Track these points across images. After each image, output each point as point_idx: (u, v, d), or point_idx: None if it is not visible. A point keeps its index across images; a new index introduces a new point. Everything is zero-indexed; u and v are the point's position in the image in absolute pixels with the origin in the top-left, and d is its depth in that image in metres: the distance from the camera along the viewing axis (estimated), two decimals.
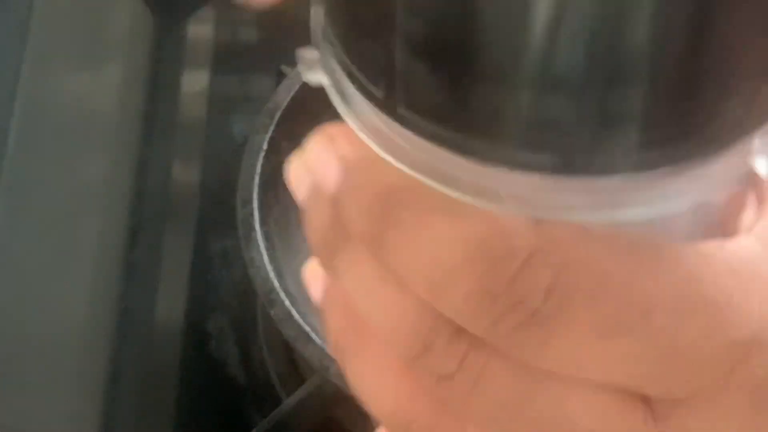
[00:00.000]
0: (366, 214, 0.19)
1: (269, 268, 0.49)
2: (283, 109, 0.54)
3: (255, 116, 0.55)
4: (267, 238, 0.51)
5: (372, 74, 0.18)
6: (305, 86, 0.54)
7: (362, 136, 0.19)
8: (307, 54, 0.20)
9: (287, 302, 0.48)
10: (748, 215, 0.20)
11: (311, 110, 0.20)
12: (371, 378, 0.21)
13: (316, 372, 0.50)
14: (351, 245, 0.20)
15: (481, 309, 0.18)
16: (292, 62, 0.56)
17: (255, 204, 0.52)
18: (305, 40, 0.20)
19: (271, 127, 0.54)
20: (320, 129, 0.21)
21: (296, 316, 0.48)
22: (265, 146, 0.53)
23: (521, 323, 0.18)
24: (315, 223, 0.21)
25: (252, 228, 0.51)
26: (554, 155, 0.17)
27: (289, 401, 0.51)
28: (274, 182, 0.53)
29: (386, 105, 0.18)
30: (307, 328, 0.47)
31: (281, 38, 0.69)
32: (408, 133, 0.18)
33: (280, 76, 0.58)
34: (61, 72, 0.59)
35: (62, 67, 0.59)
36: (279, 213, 0.53)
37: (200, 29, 0.72)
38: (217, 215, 0.61)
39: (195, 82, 0.70)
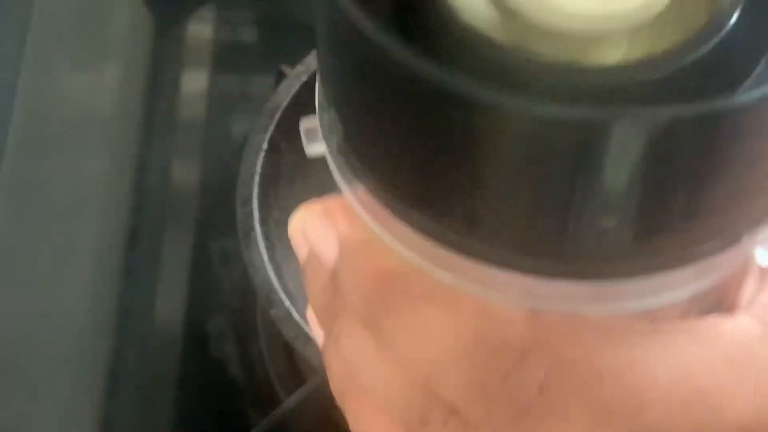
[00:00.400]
0: (363, 299, 0.19)
1: (269, 268, 0.49)
2: (283, 109, 0.54)
3: (255, 116, 0.55)
4: (267, 238, 0.51)
5: (373, 170, 0.18)
6: (305, 86, 0.54)
7: (361, 214, 0.19)
8: (309, 123, 0.20)
9: (287, 302, 0.48)
10: (750, 283, 0.20)
11: (311, 110, 0.20)
12: (369, 430, 0.21)
13: (316, 372, 0.50)
14: (348, 314, 0.20)
15: (476, 401, 0.18)
16: (292, 62, 0.57)
17: (255, 204, 0.52)
18: (305, 40, 0.20)
19: (271, 127, 0.54)
20: (320, 201, 0.21)
21: (296, 316, 0.48)
22: (265, 146, 0.53)
23: (514, 416, 0.18)
24: (314, 288, 0.21)
25: (252, 228, 0.51)
26: (554, 262, 0.16)
27: (289, 401, 0.51)
28: (274, 182, 0.53)
29: (386, 202, 0.18)
30: (307, 328, 0.47)
31: (281, 38, 0.69)
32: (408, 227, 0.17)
33: (280, 76, 0.58)
34: (61, 72, 0.59)
35: (62, 67, 0.59)
36: (279, 213, 0.53)
37: (200, 29, 0.72)
38: (217, 215, 0.61)
39: (195, 81, 0.70)
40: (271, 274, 0.49)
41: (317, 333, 0.23)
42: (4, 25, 0.52)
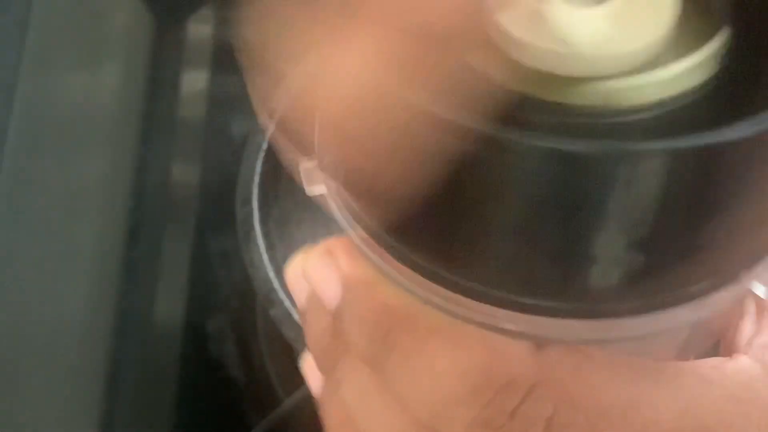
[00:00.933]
0: (367, 337, 0.19)
1: (269, 268, 0.49)
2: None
3: (255, 116, 0.55)
4: (267, 237, 0.51)
5: (372, 215, 0.18)
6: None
7: (363, 250, 0.19)
8: (308, 164, 0.20)
9: (287, 302, 0.48)
10: (747, 324, 0.20)
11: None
12: None
13: None
14: (351, 357, 0.20)
15: None
16: None
17: (255, 204, 0.52)
18: None
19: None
20: (320, 243, 0.21)
21: (296, 316, 0.48)
22: (265, 146, 0.53)
23: None
24: (314, 331, 0.21)
25: (252, 228, 0.51)
26: (555, 303, 0.17)
27: (289, 401, 0.51)
28: (274, 182, 0.53)
29: (386, 245, 0.18)
30: None
31: None
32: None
33: None
34: (61, 72, 0.59)
35: (61, 67, 0.59)
36: (279, 213, 0.53)
37: (200, 29, 0.72)
38: (217, 215, 0.61)
39: (194, 81, 0.70)
40: (271, 274, 0.49)
41: (313, 381, 0.23)
42: (4, 25, 0.52)
